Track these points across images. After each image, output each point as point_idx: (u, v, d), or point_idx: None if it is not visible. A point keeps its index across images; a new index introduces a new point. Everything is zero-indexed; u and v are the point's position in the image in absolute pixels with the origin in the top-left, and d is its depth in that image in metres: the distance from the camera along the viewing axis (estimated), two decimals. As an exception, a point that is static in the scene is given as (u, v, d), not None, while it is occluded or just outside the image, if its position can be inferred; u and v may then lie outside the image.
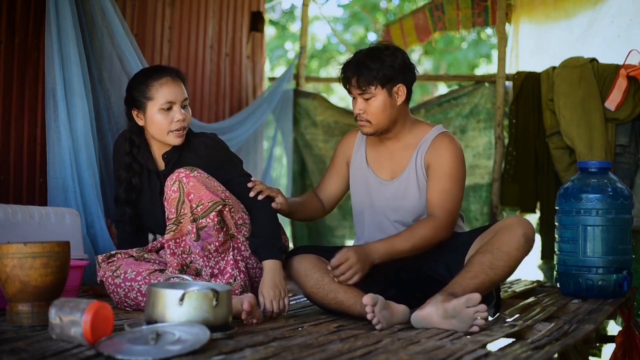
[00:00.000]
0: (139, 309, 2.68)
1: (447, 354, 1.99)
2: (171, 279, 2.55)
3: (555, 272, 3.50)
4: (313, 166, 5.23)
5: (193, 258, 2.66)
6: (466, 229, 3.01)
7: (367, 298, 2.44)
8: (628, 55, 4.26)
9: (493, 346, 2.18)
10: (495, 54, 7.69)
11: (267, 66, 8.31)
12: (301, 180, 5.30)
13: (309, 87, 5.63)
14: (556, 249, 3.48)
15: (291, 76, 5.36)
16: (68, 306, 2.00)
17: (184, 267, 2.67)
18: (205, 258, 2.65)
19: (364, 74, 2.79)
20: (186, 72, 4.66)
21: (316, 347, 2.05)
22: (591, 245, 3.32)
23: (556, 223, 3.49)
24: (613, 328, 4.31)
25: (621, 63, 4.29)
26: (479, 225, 4.73)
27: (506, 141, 4.75)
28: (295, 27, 10.80)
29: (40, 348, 1.92)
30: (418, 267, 2.87)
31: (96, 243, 3.32)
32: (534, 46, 4.96)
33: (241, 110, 5.05)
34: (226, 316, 2.17)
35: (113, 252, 2.81)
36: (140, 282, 2.69)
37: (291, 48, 10.98)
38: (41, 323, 2.27)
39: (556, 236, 3.48)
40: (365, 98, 2.82)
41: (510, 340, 2.29)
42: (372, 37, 10.63)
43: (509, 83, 4.79)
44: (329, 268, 2.69)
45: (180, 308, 2.08)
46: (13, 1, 3.36)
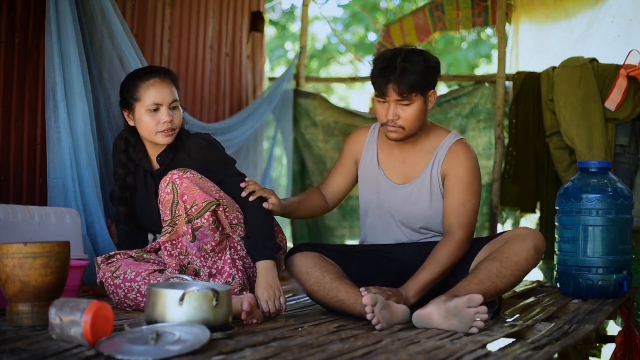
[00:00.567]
0: (139, 310, 2.68)
1: (447, 354, 1.98)
2: (171, 279, 2.55)
3: (555, 272, 3.50)
4: (313, 166, 5.22)
5: (190, 259, 2.65)
6: None
7: (367, 298, 2.43)
8: (628, 55, 4.26)
9: (493, 346, 2.18)
10: (495, 54, 7.69)
11: (267, 66, 8.30)
12: (301, 180, 5.29)
13: (309, 87, 5.62)
14: (556, 249, 3.48)
15: (291, 76, 5.35)
16: (68, 306, 2.00)
17: (183, 268, 2.67)
18: (202, 258, 2.65)
19: (407, 81, 2.69)
20: (186, 72, 4.66)
21: (316, 347, 2.05)
22: (591, 245, 3.32)
23: (556, 223, 3.49)
24: (613, 328, 4.30)
25: (621, 63, 4.29)
26: (479, 225, 4.73)
27: (506, 141, 4.75)
28: (295, 27, 10.79)
29: (40, 348, 1.91)
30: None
31: (96, 243, 3.32)
32: (534, 46, 4.96)
33: (241, 110, 5.04)
34: (226, 316, 2.17)
35: (112, 253, 2.81)
36: (139, 283, 2.69)
37: (291, 48, 10.97)
38: (41, 323, 2.26)
39: (556, 236, 3.48)
40: (403, 104, 2.74)
41: (510, 340, 2.29)
42: (372, 37, 10.62)
43: (509, 83, 4.79)
44: (363, 303, 2.46)
45: (180, 308, 2.08)
46: (13, 1, 3.36)
